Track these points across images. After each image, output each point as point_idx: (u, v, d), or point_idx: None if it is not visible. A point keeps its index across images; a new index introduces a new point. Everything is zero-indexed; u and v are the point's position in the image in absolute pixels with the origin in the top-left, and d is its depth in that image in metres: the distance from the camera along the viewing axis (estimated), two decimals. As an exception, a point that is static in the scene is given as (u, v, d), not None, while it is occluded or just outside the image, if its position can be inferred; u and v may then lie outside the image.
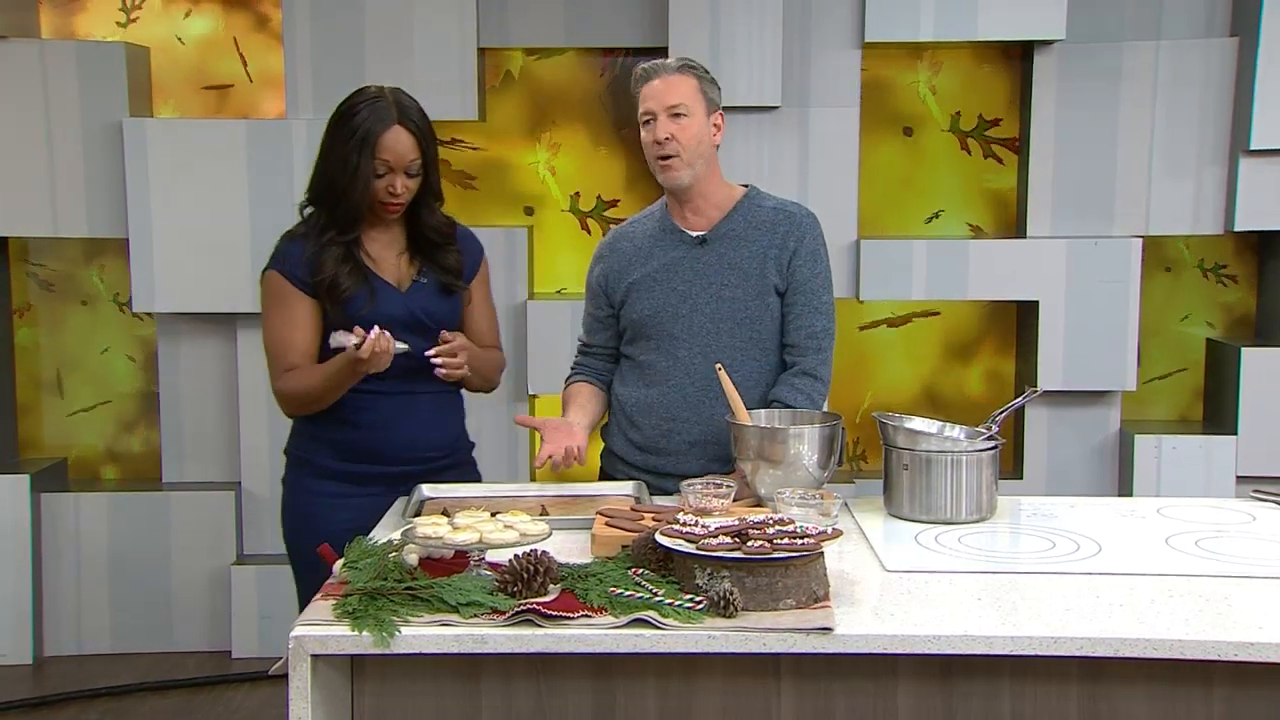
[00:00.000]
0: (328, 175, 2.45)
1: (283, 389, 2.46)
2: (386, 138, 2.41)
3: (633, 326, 2.62)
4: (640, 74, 2.56)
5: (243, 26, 4.34)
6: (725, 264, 2.56)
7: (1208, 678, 1.76)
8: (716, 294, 2.56)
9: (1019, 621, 1.77)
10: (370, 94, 2.46)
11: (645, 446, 2.60)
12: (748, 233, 2.58)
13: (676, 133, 2.51)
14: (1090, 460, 4.20)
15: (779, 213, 2.61)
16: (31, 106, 4.00)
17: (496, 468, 4.12)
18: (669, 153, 2.52)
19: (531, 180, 4.37)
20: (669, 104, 2.51)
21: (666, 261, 2.59)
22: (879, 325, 4.41)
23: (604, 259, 2.68)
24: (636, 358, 2.63)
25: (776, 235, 2.57)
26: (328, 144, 2.47)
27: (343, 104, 2.48)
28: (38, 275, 4.37)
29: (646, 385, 2.60)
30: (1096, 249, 4.06)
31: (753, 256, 2.56)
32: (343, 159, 2.41)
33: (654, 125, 2.52)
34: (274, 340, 2.47)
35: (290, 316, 2.45)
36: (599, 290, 2.68)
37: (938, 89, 4.30)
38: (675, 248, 2.60)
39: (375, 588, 1.79)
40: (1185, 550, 2.13)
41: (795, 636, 1.70)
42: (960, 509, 2.30)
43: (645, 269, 2.60)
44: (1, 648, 4.07)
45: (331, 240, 2.44)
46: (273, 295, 2.47)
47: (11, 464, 4.23)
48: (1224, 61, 4.05)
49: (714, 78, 2.61)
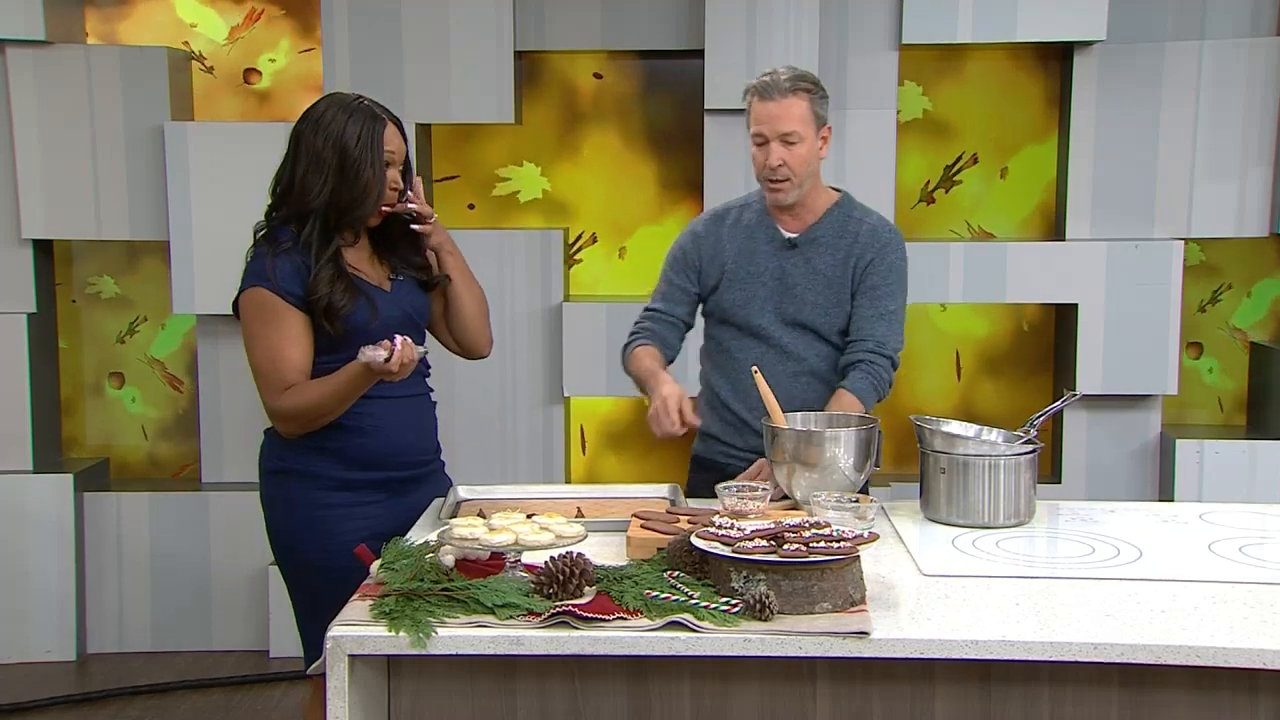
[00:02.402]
0: (328, 185, 2.37)
1: (285, 406, 2.34)
2: (386, 135, 2.41)
3: (719, 312, 2.71)
4: (754, 89, 2.58)
5: (282, 29, 4.38)
6: (811, 269, 2.64)
7: (1253, 686, 1.73)
8: (800, 295, 2.64)
9: (1058, 627, 1.75)
10: (344, 101, 2.42)
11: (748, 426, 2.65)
12: (834, 240, 2.65)
13: (788, 159, 2.55)
14: (1130, 465, 4.16)
15: (865, 225, 2.67)
16: (76, 111, 4.06)
17: (533, 470, 4.14)
18: (780, 177, 2.57)
19: (567, 182, 4.38)
20: (782, 131, 2.54)
21: (757, 256, 2.66)
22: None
23: (701, 237, 2.72)
24: (726, 343, 2.70)
25: (858, 246, 2.65)
26: (317, 153, 2.38)
27: (315, 114, 2.41)
28: (81, 276, 4.43)
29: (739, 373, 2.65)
30: (1137, 251, 4.01)
31: (834, 264, 2.64)
32: (351, 166, 2.36)
33: (766, 149, 2.56)
34: (267, 358, 2.35)
35: (285, 333, 2.35)
36: (689, 264, 2.72)
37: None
38: (767, 244, 2.66)
39: (412, 589, 1.80)
40: (1229, 556, 2.10)
41: (831, 640, 1.70)
42: (998, 513, 2.28)
43: (739, 260, 2.67)
44: (46, 645, 4.13)
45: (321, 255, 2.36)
46: (262, 312, 2.36)
47: (55, 464, 4.29)
48: (1269, 61, 3.99)
49: (824, 89, 2.62)
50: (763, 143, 2.56)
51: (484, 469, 4.06)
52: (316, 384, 2.34)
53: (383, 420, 2.42)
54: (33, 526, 4.10)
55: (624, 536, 2.11)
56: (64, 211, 4.10)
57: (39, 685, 3.92)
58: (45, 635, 4.12)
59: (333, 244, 2.37)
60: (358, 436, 2.40)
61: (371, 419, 2.41)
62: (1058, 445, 4.21)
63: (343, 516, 2.40)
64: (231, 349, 4.27)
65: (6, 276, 4.13)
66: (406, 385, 2.43)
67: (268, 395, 2.37)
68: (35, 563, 4.10)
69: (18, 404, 4.12)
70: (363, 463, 2.42)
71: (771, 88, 2.54)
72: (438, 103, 4.07)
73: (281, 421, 2.38)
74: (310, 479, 2.42)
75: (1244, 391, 4.35)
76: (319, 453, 2.40)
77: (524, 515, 1.98)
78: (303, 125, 2.43)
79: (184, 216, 4.06)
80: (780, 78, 2.56)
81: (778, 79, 2.56)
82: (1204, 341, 4.34)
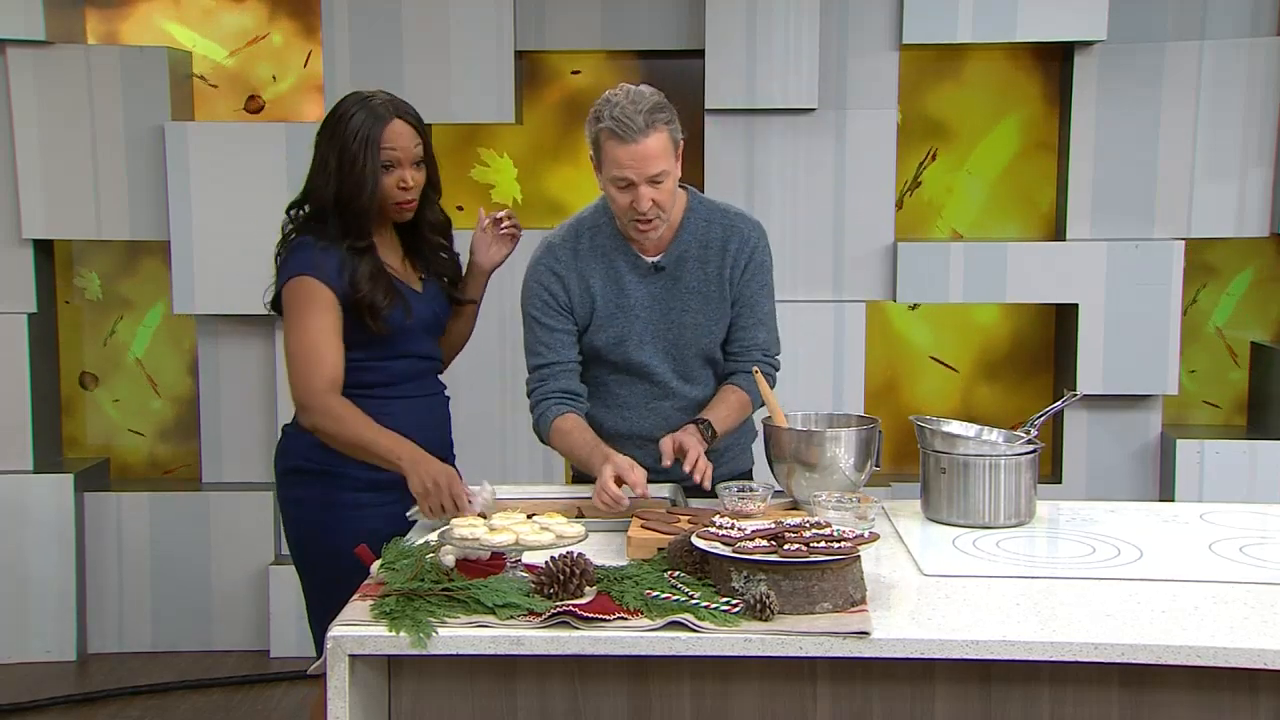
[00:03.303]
0: (331, 182, 2.39)
1: (321, 406, 2.34)
2: (388, 131, 2.39)
3: (592, 351, 2.53)
4: (606, 131, 2.32)
5: (282, 29, 4.38)
6: (682, 289, 2.50)
7: (1253, 686, 1.73)
8: (677, 320, 2.50)
9: (1058, 627, 1.75)
10: (360, 96, 2.44)
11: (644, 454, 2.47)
12: (700, 253, 2.50)
13: (657, 197, 2.35)
14: (1131, 465, 4.16)
15: (725, 227, 2.51)
16: (76, 111, 4.06)
17: (533, 470, 4.13)
18: (650, 217, 2.37)
19: (568, 184, 4.38)
20: (650, 174, 2.32)
21: (624, 287, 2.49)
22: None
23: (562, 276, 2.50)
24: (605, 380, 2.56)
25: (728, 253, 2.50)
26: (325, 151, 2.42)
27: (332, 112, 2.45)
28: (82, 276, 4.43)
29: (621, 409, 2.55)
30: (1137, 251, 4.01)
31: (708, 278, 2.50)
32: (347, 162, 2.37)
33: (633, 191, 2.34)
34: (312, 346, 2.36)
35: (326, 325, 2.37)
36: (559, 305, 2.50)
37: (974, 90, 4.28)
38: (629, 273, 2.49)
39: (412, 589, 1.80)
40: (1229, 556, 2.10)
41: (832, 640, 1.70)
42: (998, 513, 2.28)
43: (606, 294, 2.49)
44: (46, 644, 4.13)
45: (353, 251, 2.39)
46: (310, 300, 2.38)
47: (55, 464, 4.29)
48: (1269, 61, 3.99)
49: (670, 104, 2.39)
50: (626, 185, 2.34)
51: (484, 469, 4.05)
52: (355, 423, 2.33)
53: (406, 420, 2.44)
54: (33, 526, 4.10)
55: (624, 536, 2.11)
56: (64, 211, 4.10)
57: (39, 685, 3.93)
58: (45, 635, 4.12)
59: (361, 238, 2.40)
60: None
61: (394, 420, 2.41)
62: (1058, 445, 4.21)
63: (367, 515, 2.42)
64: (231, 348, 4.27)
65: (7, 276, 4.13)
66: (424, 386, 2.51)
67: (310, 383, 2.35)
68: (35, 563, 4.10)
69: (18, 404, 4.12)
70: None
71: (628, 128, 2.29)
72: (438, 103, 4.07)
73: (305, 414, 2.38)
74: (336, 478, 2.43)
75: (1245, 391, 4.35)
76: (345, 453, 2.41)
77: (524, 515, 1.98)
78: (321, 127, 2.47)
79: (184, 216, 4.06)
80: (634, 113, 2.30)
81: (632, 116, 2.29)
82: (1198, 341, 4.35)
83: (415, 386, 2.49)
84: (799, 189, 4.05)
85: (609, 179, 2.37)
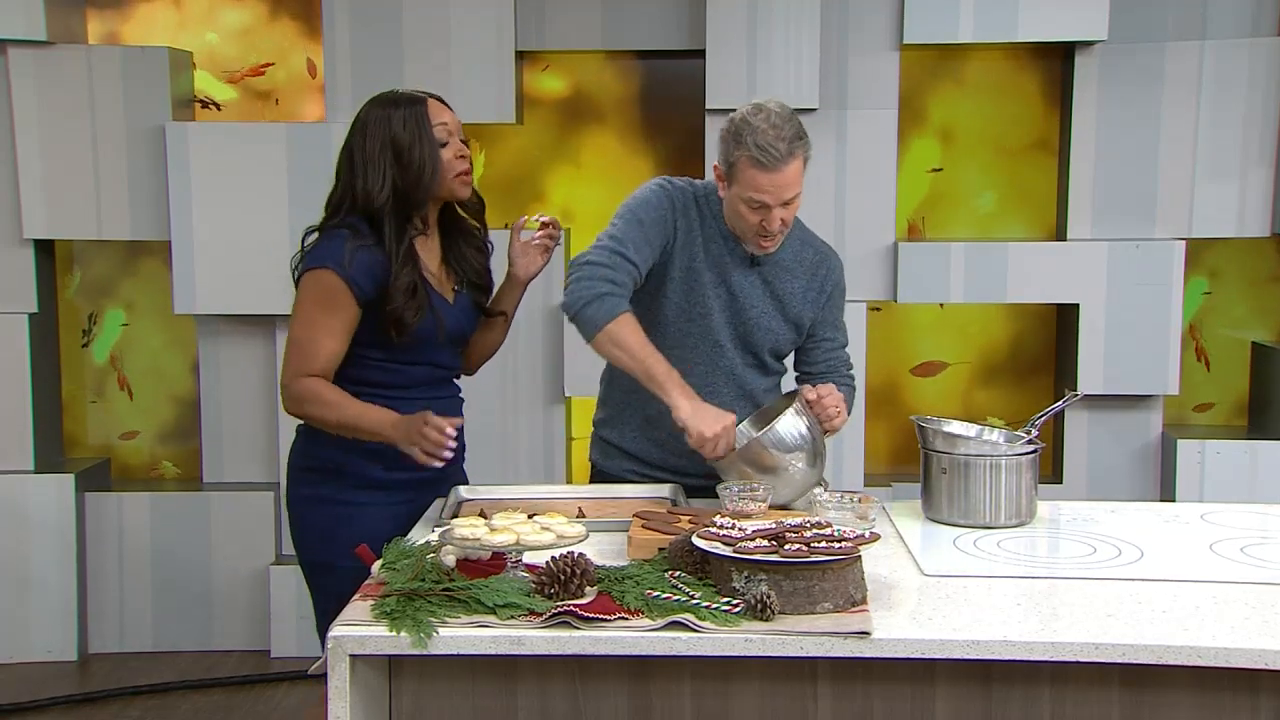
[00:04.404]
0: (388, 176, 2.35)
1: (300, 392, 2.34)
2: (432, 110, 2.39)
3: (659, 310, 2.51)
4: (750, 158, 2.33)
5: (283, 29, 4.38)
6: (770, 291, 2.54)
7: (1254, 686, 1.73)
8: (756, 318, 2.54)
9: (1059, 627, 1.75)
10: (381, 97, 2.43)
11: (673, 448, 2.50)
12: (793, 266, 2.57)
13: (785, 216, 2.41)
14: (1132, 465, 4.16)
15: (817, 252, 2.61)
16: (77, 111, 4.06)
17: (534, 470, 4.14)
18: (776, 232, 2.42)
19: (567, 182, 4.38)
20: (786, 199, 2.38)
21: (722, 265, 2.51)
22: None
23: (680, 212, 2.50)
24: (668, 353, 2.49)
25: (816, 278, 2.58)
26: (370, 152, 2.36)
27: (360, 120, 2.41)
28: (82, 277, 4.43)
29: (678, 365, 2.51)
30: (1138, 251, 4.01)
31: (794, 292, 2.56)
32: (405, 149, 2.34)
33: (765, 212, 2.38)
34: (306, 339, 2.34)
35: (333, 324, 2.34)
36: (665, 227, 2.48)
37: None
38: (730, 255, 2.51)
39: (413, 589, 1.80)
40: (1230, 557, 2.10)
41: (833, 640, 1.70)
42: (999, 513, 2.28)
43: (706, 261, 2.50)
44: (47, 644, 4.13)
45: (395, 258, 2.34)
46: (323, 295, 2.34)
47: (57, 464, 4.30)
48: (1270, 61, 3.99)
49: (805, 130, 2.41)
50: (760, 207, 2.37)
51: (485, 469, 4.05)
52: (336, 400, 2.33)
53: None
54: (34, 526, 4.10)
55: (625, 536, 2.11)
56: (65, 212, 4.10)
57: (40, 685, 3.93)
58: (46, 635, 4.13)
59: (406, 240, 2.36)
60: None
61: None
62: (1059, 445, 4.21)
63: (375, 516, 2.40)
64: (232, 348, 4.28)
65: (8, 276, 4.13)
66: (440, 390, 2.51)
67: (289, 370, 2.36)
68: (36, 563, 4.11)
69: (19, 404, 4.12)
70: (404, 464, 2.35)
71: (772, 157, 2.32)
72: (439, 103, 4.07)
73: (288, 400, 2.38)
74: (347, 477, 2.42)
75: (1246, 391, 4.35)
76: (360, 452, 2.40)
77: (525, 515, 1.98)
78: (351, 137, 2.42)
79: (185, 216, 4.07)
80: (777, 140, 2.32)
81: (775, 143, 2.32)
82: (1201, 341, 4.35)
83: (429, 390, 2.47)
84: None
85: (743, 199, 2.39)
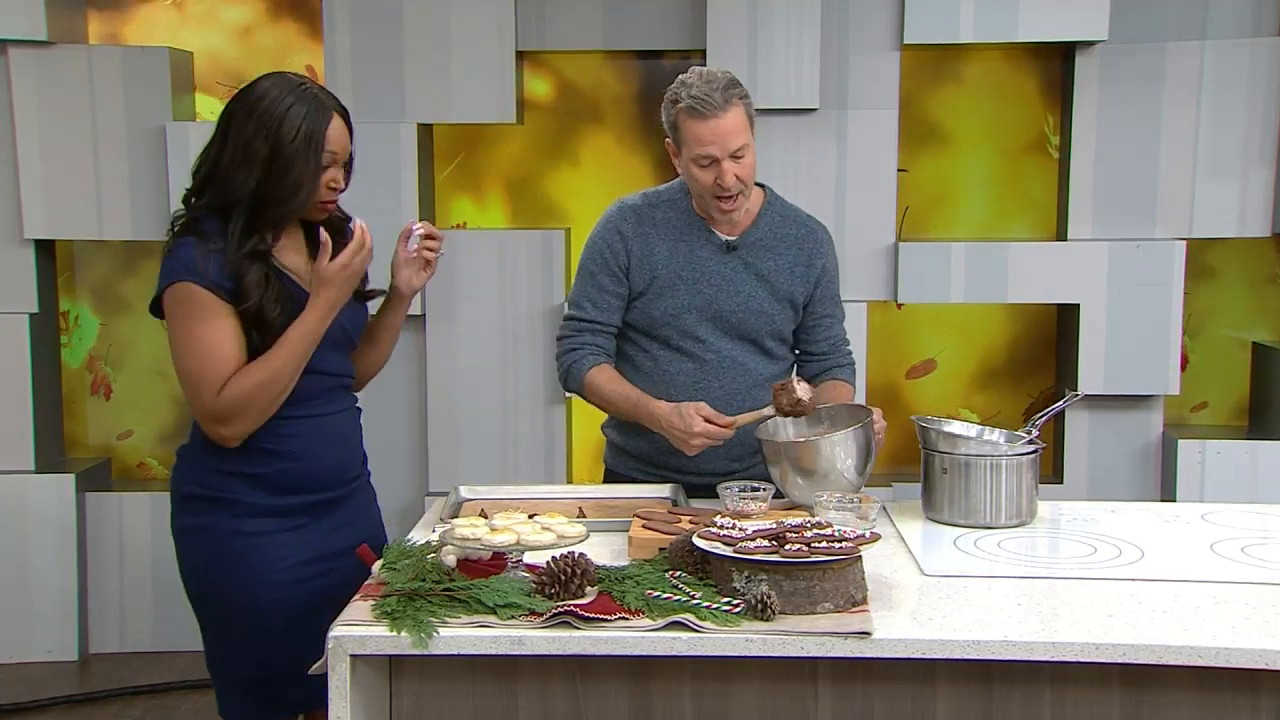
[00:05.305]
0: (255, 176, 2.10)
1: (231, 398, 2.08)
2: (331, 131, 2.15)
3: (646, 322, 2.54)
4: (685, 109, 2.37)
5: (284, 29, 4.38)
6: (753, 273, 2.53)
7: (1255, 686, 1.73)
8: (744, 303, 2.53)
9: (1059, 627, 1.75)
10: (288, 81, 2.16)
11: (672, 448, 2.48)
12: (775, 244, 2.55)
13: (740, 173, 2.39)
14: (1132, 465, 4.16)
15: (801, 226, 2.59)
16: (78, 111, 4.06)
17: (534, 470, 4.14)
18: (734, 193, 2.41)
19: (568, 183, 4.38)
20: (732, 149, 2.37)
21: (694, 260, 2.52)
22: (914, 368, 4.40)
23: (627, 238, 2.52)
24: (655, 355, 2.56)
25: (803, 252, 2.56)
26: (250, 139, 2.11)
27: (254, 92, 2.14)
28: (84, 277, 4.43)
29: (668, 386, 2.53)
30: (1139, 251, 4.01)
31: (779, 269, 2.54)
32: (285, 161, 2.10)
33: (716, 168, 2.38)
34: (203, 356, 2.08)
35: (221, 330, 2.09)
36: (618, 265, 2.52)
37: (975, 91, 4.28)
38: (702, 247, 2.52)
39: (414, 589, 1.80)
40: (1231, 557, 2.10)
41: (833, 640, 1.70)
42: (999, 513, 2.28)
43: (672, 265, 2.51)
44: (48, 644, 4.13)
45: (251, 254, 2.11)
46: (193, 309, 2.09)
47: (57, 464, 4.30)
48: (1270, 61, 3.99)
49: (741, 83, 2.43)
50: (710, 163, 2.38)
51: (485, 469, 4.06)
52: (263, 360, 2.10)
53: (310, 442, 2.20)
54: (35, 526, 4.10)
55: (626, 536, 2.11)
56: (66, 212, 4.10)
57: (40, 685, 3.93)
58: (47, 635, 4.13)
59: (247, 247, 2.11)
60: (284, 460, 2.18)
61: (298, 441, 2.19)
62: (1059, 445, 4.21)
63: (266, 544, 2.17)
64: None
65: (8, 277, 4.13)
66: (331, 403, 2.25)
67: (205, 397, 2.09)
68: (37, 563, 4.10)
69: (20, 404, 4.12)
70: (290, 488, 2.19)
71: (707, 104, 2.34)
72: (438, 103, 4.07)
73: (226, 423, 2.10)
74: (230, 506, 2.17)
75: (1246, 391, 4.35)
76: (241, 479, 2.17)
77: (526, 515, 1.98)
78: (236, 106, 2.15)
79: (185, 217, 4.06)
80: (711, 90, 2.34)
81: (710, 93, 2.34)
82: (1201, 341, 4.35)
83: (324, 404, 2.22)
84: (800, 189, 4.04)
85: (691, 158, 2.41)
